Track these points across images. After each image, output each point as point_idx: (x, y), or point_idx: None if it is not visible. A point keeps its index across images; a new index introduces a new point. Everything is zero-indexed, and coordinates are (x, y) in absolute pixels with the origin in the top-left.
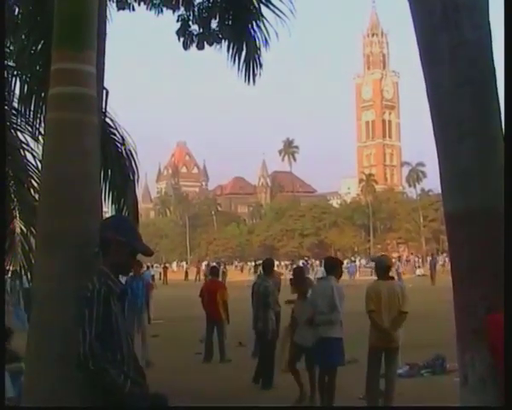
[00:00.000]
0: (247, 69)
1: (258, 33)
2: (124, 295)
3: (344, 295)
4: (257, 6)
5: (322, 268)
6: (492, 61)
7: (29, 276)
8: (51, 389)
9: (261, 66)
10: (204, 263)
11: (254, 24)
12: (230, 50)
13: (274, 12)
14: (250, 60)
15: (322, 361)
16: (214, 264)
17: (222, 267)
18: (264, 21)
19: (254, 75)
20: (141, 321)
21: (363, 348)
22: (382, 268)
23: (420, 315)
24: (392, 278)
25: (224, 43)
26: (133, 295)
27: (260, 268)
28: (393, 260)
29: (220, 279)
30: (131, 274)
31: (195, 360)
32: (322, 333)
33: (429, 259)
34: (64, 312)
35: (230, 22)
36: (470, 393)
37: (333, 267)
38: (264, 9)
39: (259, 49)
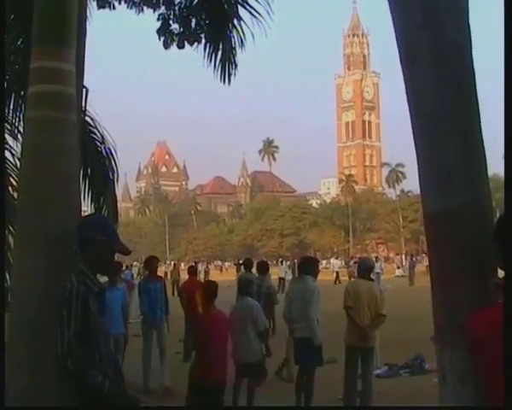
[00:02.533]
0: (223, 69)
1: (235, 34)
2: (102, 295)
3: (320, 294)
4: (234, 7)
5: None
6: (472, 61)
7: (7, 275)
8: (29, 388)
9: (236, 66)
10: (182, 263)
11: (231, 24)
12: (207, 49)
13: (251, 13)
14: (225, 60)
15: (300, 361)
16: (192, 263)
17: (204, 267)
18: (242, 22)
19: (230, 75)
20: (160, 335)
21: (343, 347)
22: (364, 268)
23: (399, 316)
24: (372, 279)
25: (201, 43)
26: (151, 303)
27: (242, 268)
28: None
29: (203, 279)
30: (146, 277)
31: (175, 360)
32: (297, 334)
33: (408, 259)
34: (42, 310)
35: (208, 22)
36: (449, 391)
37: (309, 266)
38: (241, 10)
39: (235, 49)
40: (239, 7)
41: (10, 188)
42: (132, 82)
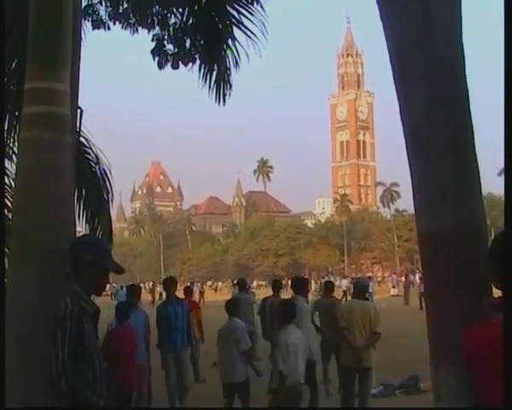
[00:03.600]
0: (218, 89)
1: (229, 54)
2: (96, 315)
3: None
4: (229, 27)
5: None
6: (465, 79)
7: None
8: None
9: (231, 86)
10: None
11: (225, 45)
12: (202, 70)
13: (245, 33)
14: (220, 80)
15: None
16: (188, 284)
17: (199, 287)
18: (236, 42)
19: (224, 95)
20: (181, 369)
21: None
22: (358, 288)
23: (394, 335)
24: (367, 298)
25: (196, 63)
26: (171, 330)
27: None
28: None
29: (198, 299)
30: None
31: None
32: None
33: (403, 279)
34: (35, 329)
35: (202, 42)
36: (445, 406)
37: (301, 286)
38: (235, 30)
39: (230, 69)
40: (233, 27)
41: (5, 209)
42: (127, 102)
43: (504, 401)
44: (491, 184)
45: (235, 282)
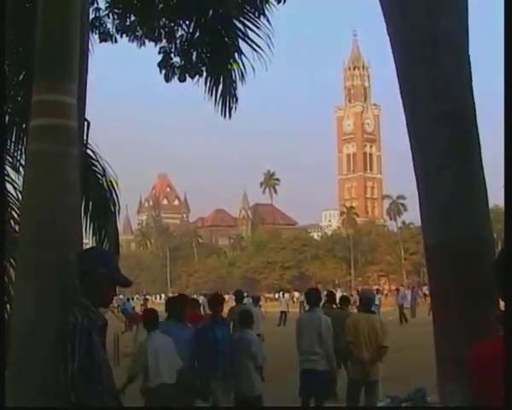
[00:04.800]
0: (224, 103)
1: (235, 67)
2: (104, 327)
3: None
4: (235, 40)
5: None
6: (472, 94)
7: (8, 307)
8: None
9: (237, 100)
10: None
11: (231, 58)
12: (208, 83)
13: (251, 46)
14: (226, 93)
15: (314, 393)
16: (195, 296)
17: (206, 299)
18: (242, 55)
19: (230, 109)
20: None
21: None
22: (364, 301)
23: (400, 348)
24: (373, 312)
25: (202, 76)
26: (214, 357)
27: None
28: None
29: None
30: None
31: None
32: (308, 365)
33: (409, 292)
34: (42, 343)
35: (209, 55)
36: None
37: (318, 299)
38: (242, 44)
39: (236, 82)
40: (240, 40)
41: (12, 221)
42: (134, 114)
43: (504, 401)
44: (498, 196)
45: (245, 294)
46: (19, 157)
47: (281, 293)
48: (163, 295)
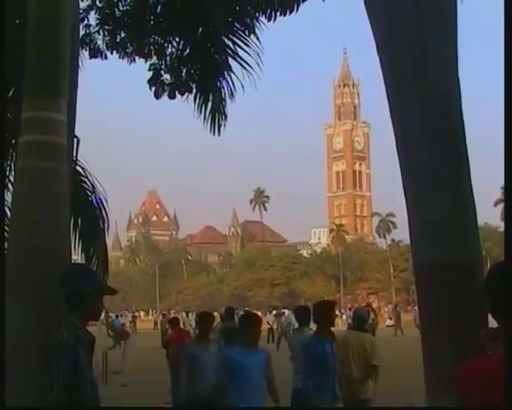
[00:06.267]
0: (213, 120)
1: (225, 85)
2: (91, 345)
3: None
4: (225, 58)
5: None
6: (461, 112)
7: None
8: None
9: (226, 117)
10: (172, 311)
11: (221, 76)
12: (197, 100)
13: (241, 64)
14: (216, 110)
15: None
16: (175, 315)
17: (195, 316)
18: (231, 73)
19: (219, 126)
20: None
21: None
22: (356, 319)
23: (389, 365)
24: (366, 330)
25: (192, 93)
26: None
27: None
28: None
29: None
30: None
31: None
32: (299, 385)
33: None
34: (29, 362)
35: (198, 72)
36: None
37: (307, 317)
38: (231, 61)
39: (225, 100)
40: (229, 58)
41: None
42: (123, 131)
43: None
44: (487, 214)
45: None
46: (8, 173)
47: (273, 312)
48: (150, 312)
